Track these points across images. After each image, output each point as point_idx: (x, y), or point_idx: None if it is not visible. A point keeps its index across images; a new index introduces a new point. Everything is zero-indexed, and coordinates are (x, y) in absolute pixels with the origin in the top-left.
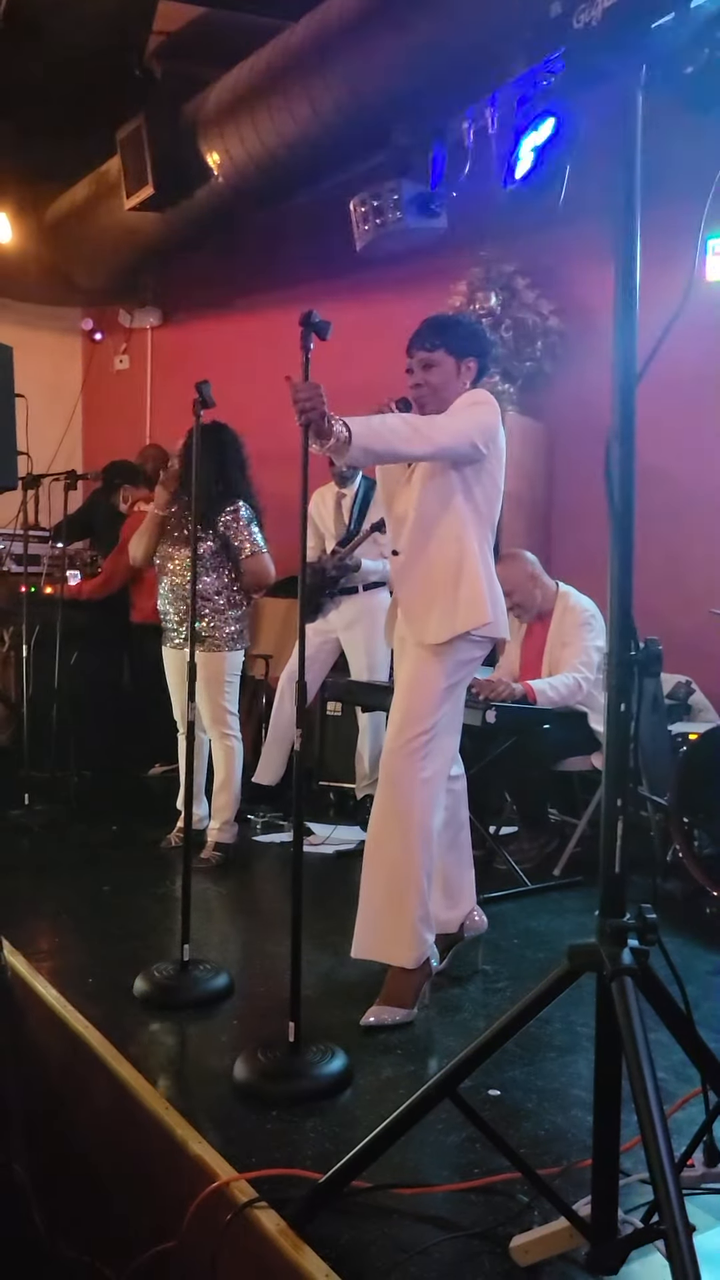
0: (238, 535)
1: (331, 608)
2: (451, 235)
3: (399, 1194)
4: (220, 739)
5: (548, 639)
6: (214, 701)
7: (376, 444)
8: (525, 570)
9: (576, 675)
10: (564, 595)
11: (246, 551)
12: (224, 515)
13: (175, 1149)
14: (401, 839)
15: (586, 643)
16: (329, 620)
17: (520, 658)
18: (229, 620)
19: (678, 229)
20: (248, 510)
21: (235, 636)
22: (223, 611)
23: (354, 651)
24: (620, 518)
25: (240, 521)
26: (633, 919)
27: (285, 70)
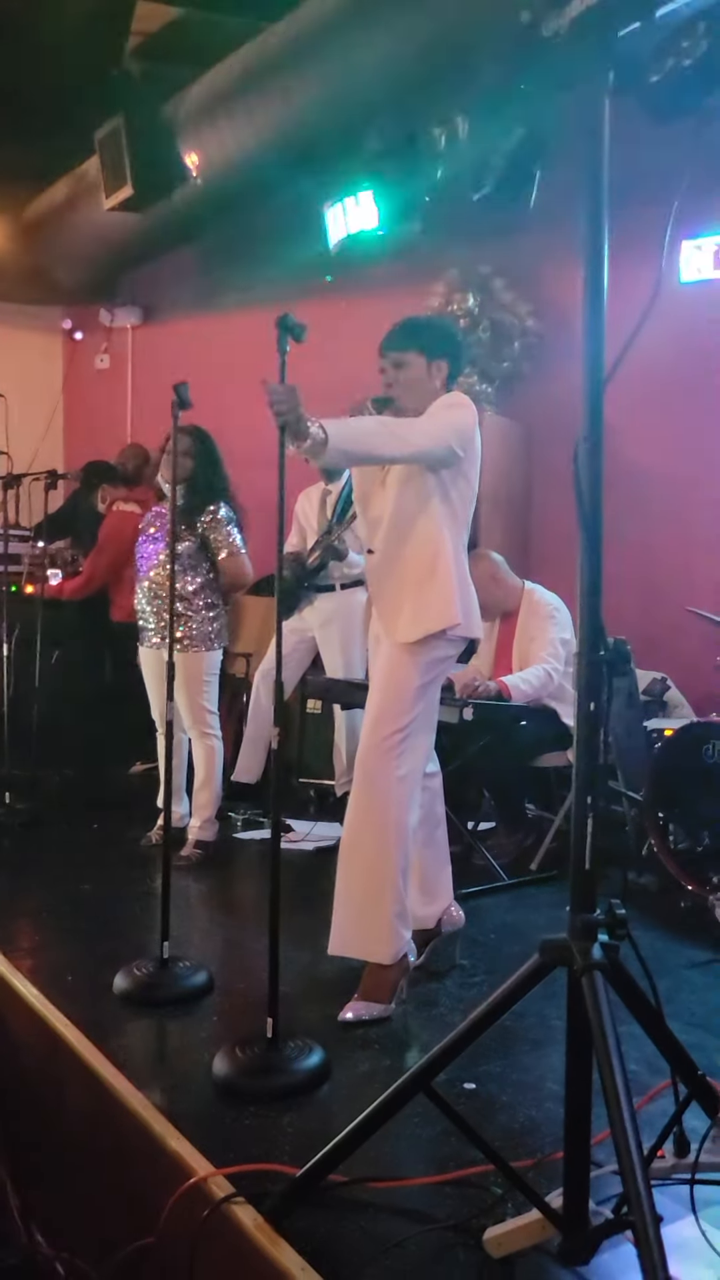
0: (216, 535)
1: (306, 605)
2: (429, 237)
3: (375, 1188)
4: (201, 738)
5: (515, 635)
6: (193, 701)
7: (353, 446)
8: (486, 571)
9: (545, 667)
10: (529, 592)
11: (224, 552)
12: (204, 515)
13: (153, 1145)
14: (377, 836)
15: (552, 635)
16: (304, 618)
17: (492, 655)
18: (206, 620)
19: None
20: (227, 510)
21: (213, 636)
22: (200, 611)
23: (329, 649)
24: (588, 519)
25: (219, 521)
26: (603, 914)
27: (263, 72)
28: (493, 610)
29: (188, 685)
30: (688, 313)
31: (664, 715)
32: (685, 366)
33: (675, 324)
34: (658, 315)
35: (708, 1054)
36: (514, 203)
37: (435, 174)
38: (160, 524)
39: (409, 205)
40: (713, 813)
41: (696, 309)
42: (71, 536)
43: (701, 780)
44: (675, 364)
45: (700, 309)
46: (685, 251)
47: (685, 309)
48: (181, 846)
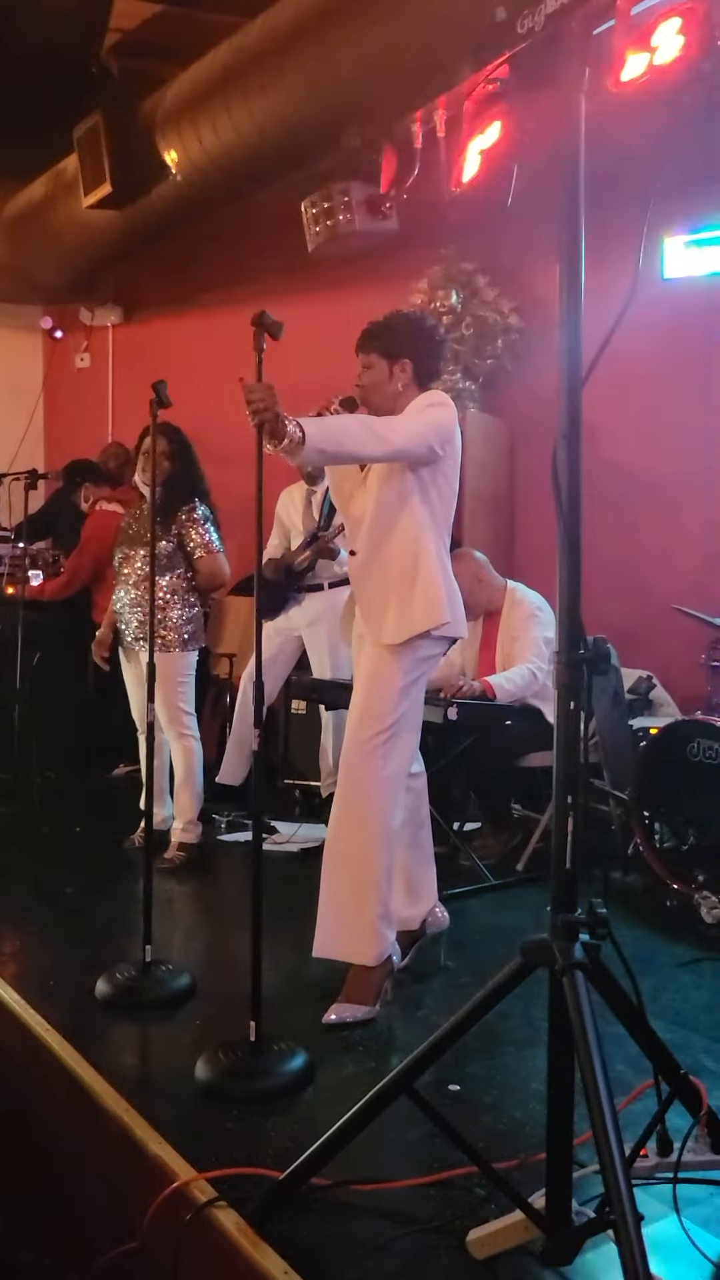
0: (192, 535)
1: (294, 605)
2: (412, 233)
3: (358, 1190)
4: (178, 739)
5: (499, 634)
6: (169, 702)
7: (331, 445)
8: (470, 570)
9: (529, 666)
10: (512, 591)
11: (200, 551)
12: (181, 515)
13: (136, 1150)
14: (361, 837)
15: (535, 634)
16: (291, 618)
17: (476, 654)
18: (183, 621)
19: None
20: (204, 509)
21: (189, 637)
22: (175, 612)
23: (316, 649)
24: (568, 518)
25: (196, 520)
26: (584, 914)
27: (241, 69)
28: (476, 609)
29: (163, 685)
30: (672, 309)
31: (649, 713)
32: (670, 363)
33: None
34: (641, 311)
35: (693, 1053)
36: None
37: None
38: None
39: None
40: (698, 811)
41: (680, 305)
42: (53, 537)
43: (686, 778)
44: (660, 361)
45: (684, 305)
46: (669, 248)
47: (669, 305)
48: (164, 849)
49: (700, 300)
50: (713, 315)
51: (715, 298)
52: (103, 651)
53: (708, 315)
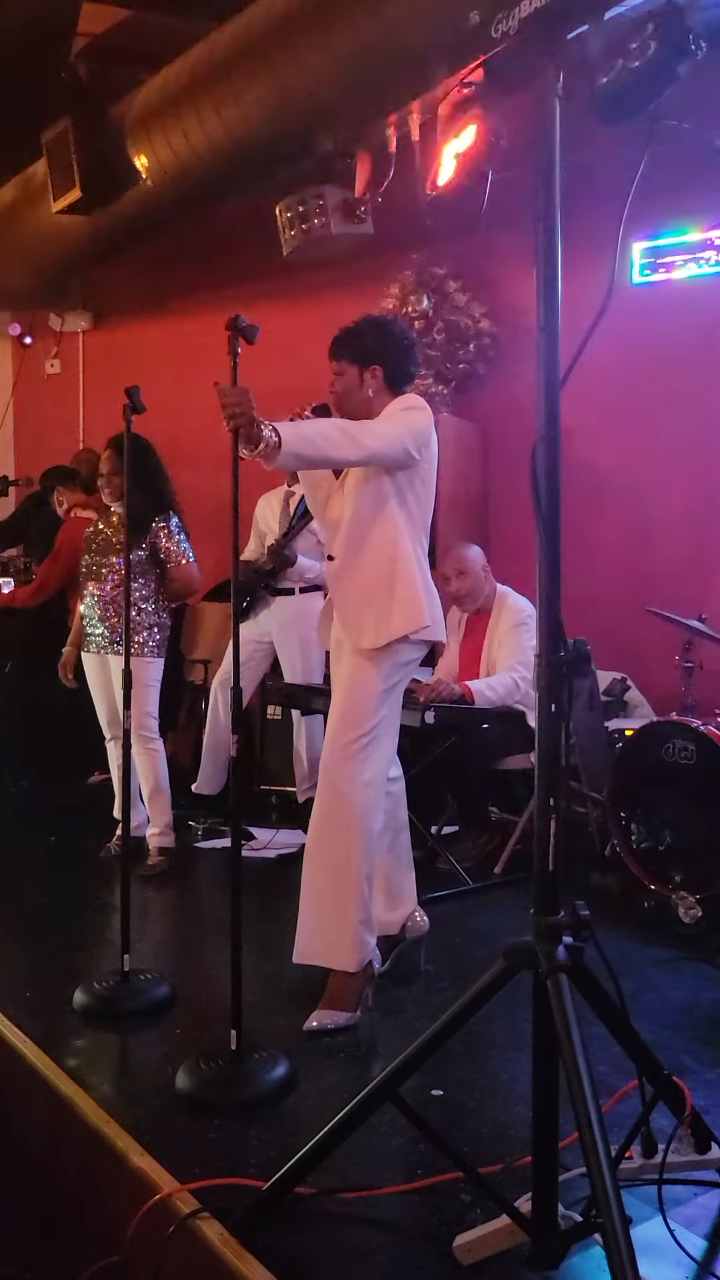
0: (167, 546)
1: (263, 608)
2: (383, 238)
3: (343, 1198)
4: (141, 743)
5: (485, 637)
6: (137, 707)
7: (307, 449)
8: (479, 561)
9: (514, 675)
10: (502, 595)
11: (173, 561)
12: (156, 523)
13: (117, 1162)
14: (341, 842)
15: (523, 643)
16: (261, 622)
17: (459, 656)
18: (154, 627)
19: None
20: (177, 520)
21: (156, 645)
22: (148, 618)
23: (288, 653)
24: (547, 521)
25: (170, 533)
26: (566, 916)
27: (212, 74)
28: (475, 601)
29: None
30: (640, 313)
31: (624, 715)
32: (639, 367)
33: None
34: (613, 316)
35: (674, 1053)
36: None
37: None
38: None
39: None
40: (674, 812)
41: (648, 310)
42: (24, 544)
43: (662, 779)
44: (629, 365)
45: (652, 310)
46: (636, 253)
47: (637, 310)
48: (140, 856)
49: (668, 305)
50: (680, 320)
51: (682, 302)
52: (68, 674)
53: (675, 320)
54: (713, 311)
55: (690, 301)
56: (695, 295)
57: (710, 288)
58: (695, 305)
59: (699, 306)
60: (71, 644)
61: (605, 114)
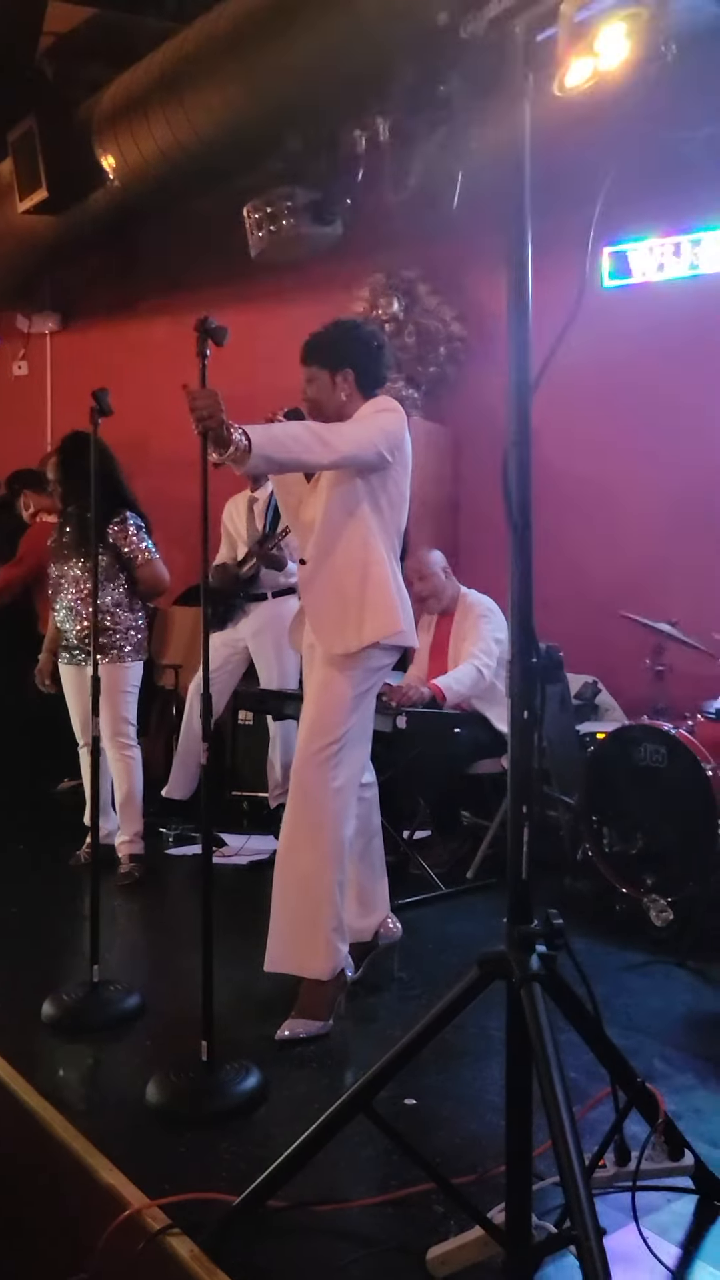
0: (128, 544)
1: (241, 615)
2: (353, 241)
3: (316, 1211)
4: (118, 749)
5: (450, 636)
6: (114, 713)
7: (278, 452)
8: (439, 564)
9: (475, 663)
10: (465, 595)
11: (139, 560)
12: (112, 526)
13: (86, 1178)
14: (313, 850)
15: (484, 632)
16: (238, 628)
17: (428, 656)
18: (129, 631)
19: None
20: (134, 519)
21: (136, 648)
22: (122, 623)
23: (263, 659)
24: (518, 525)
25: (129, 530)
26: (540, 925)
27: (178, 74)
28: (440, 601)
29: (109, 696)
30: (610, 317)
31: (596, 719)
32: (610, 371)
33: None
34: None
35: (646, 1058)
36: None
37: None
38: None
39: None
40: (645, 815)
41: (619, 313)
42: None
43: (634, 783)
44: (600, 369)
45: (623, 313)
46: (606, 257)
47: (608, 313)
48: (112, 865)
49: (637, 308)
50: (650, 323)
51: (652, 306)
52: (45, 679)
53: (645, 323)
54: (681, 315)
55: (659, 305)
56: (664, 299)
57: (678, 291)
58: (664, 309)
59: (668, 310)
60: (47, 650)
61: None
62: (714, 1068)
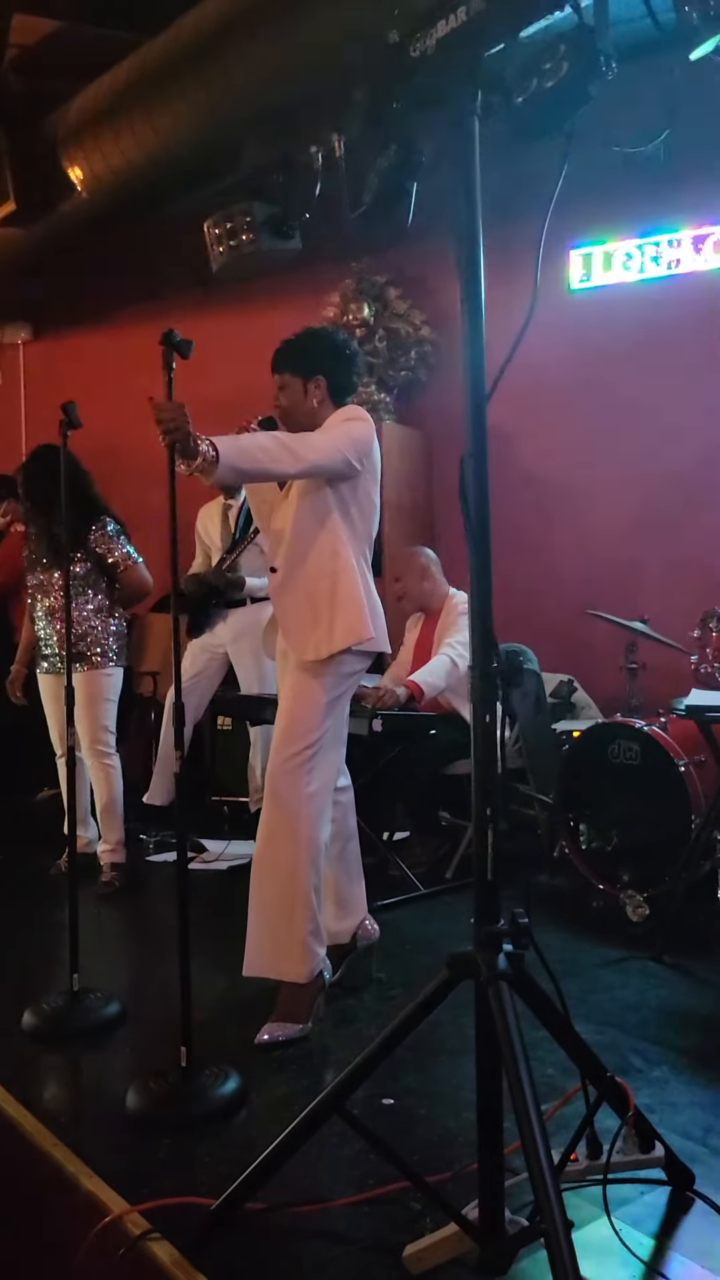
0: (110, 551)
1: (219, 622)
2: (322, 247)
3: (295, 1212)
4: (98, 758)
5: (435, 635)
6: (95, 721)
7: (245, 463)
8: (417, 563)
9: (448, 654)
10: (451, 596)
11: (122, 565)
12: (92, 533)
13: (66, 1185)
14: (289, 854)
15: (463, 625)
16: (216, 634)
17: (412, 654)
18: (108, 638)
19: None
20: (114, 524)
21: (116, 654)
22: (101, 630)
23: (243, 665)
24: (476, 535)
25: (109, 536)
26: (506, 924)
27: (144, 85)
28: (414, 602)
29: (91, 704)
30: (579, 319)
31: (572, 717)
32: (579, 373)
33: (567, 330)
34: (549, 324)
35: (621, 1053)
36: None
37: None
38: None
39: (289, 224)
40: (621, 811)
41: (587, 315)
42: None
43: (609, 780)
44: (569, 370)
45: (590, 315)
46: (573, 260)
47: (576, 316)
48: (91, 873)
49: (605, 310)
50: (620, 324)
51: (620, 308)
52: (17, 690)
53: (612, 325)
54: (649, 316)
55: (627, 307)
56: (632, 301)
57: (646, 293)
58: (632, 310)
59: (636, 312)
60: (20, 662)
61: (523, 132)
62: (688, 1061)
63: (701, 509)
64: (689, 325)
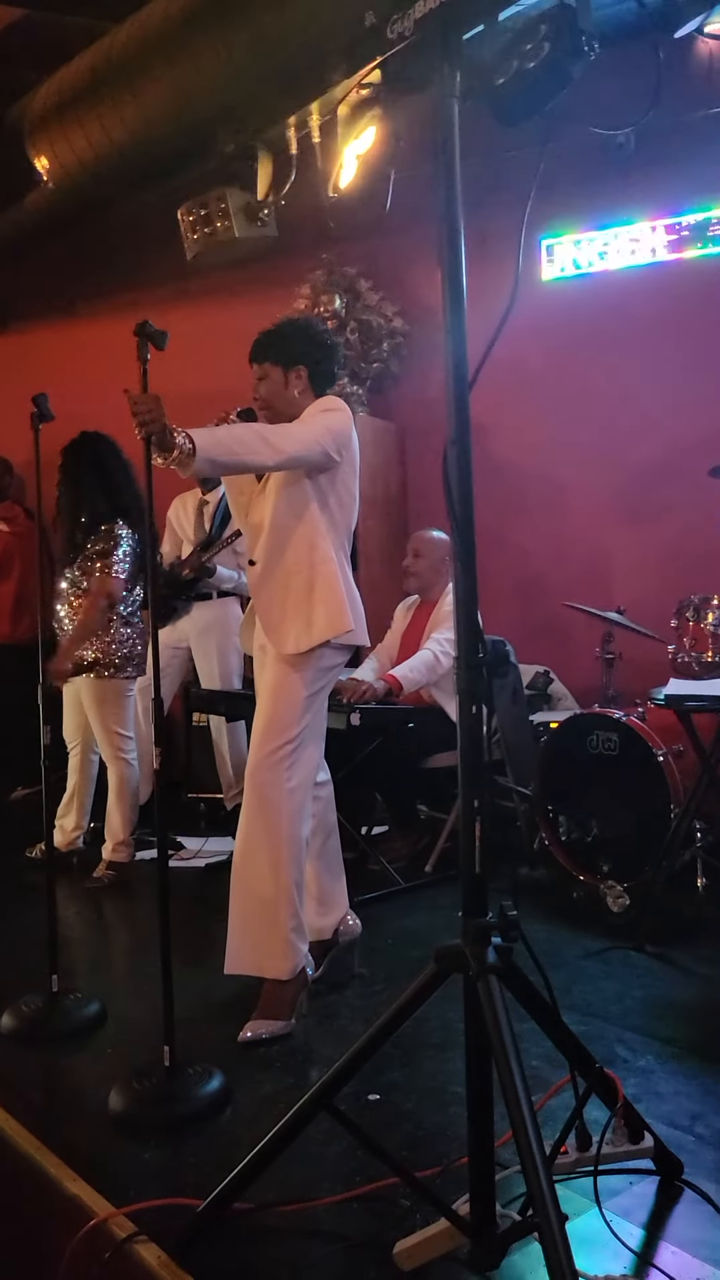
0: (105, 553)
1: (184, 614)
2: (293, 238)
3: (283, 1212)
4: (113, 761)
5: (427, 625)
6: (106, 726)
7: (222, 455)
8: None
9: (432, 649)
10: (449, 590)
11: (103, 569)
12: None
13: (50, 1189)
14: (270, 851)
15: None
16: (179, 629)
17: (400, 642)
18: (121, 645)
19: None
20: (124, 529)
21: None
22: (114, 635)
23: (205, 659)
24: (461, 523)
25: (112, 540)
26: (494, 917)
27: (111, 73)
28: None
29: (99, 709)
30: (553, 310)
31: (549, 708)
32: (553, 364)
33: (542, 321)
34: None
35: (606, 1043)
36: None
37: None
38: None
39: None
40: (600, 802)
41: (561, 306)
42: None
43: (587, 771)
44: (543, 362)
45: (565, 306)
46: (544, 251)
47: (550, 306)
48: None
49: (580, 301)
50: (592, 315)
51: (593, 298)
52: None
53: (587, 315)
54: (622, 307)
55: (600, 297)
56: (605, 290)
57: (620, 283)
58: (605, 301)
59: (609, 302)
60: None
61: (503, 115)
62: (672, 1050)
63: (676, 499)
64: (661, 316)
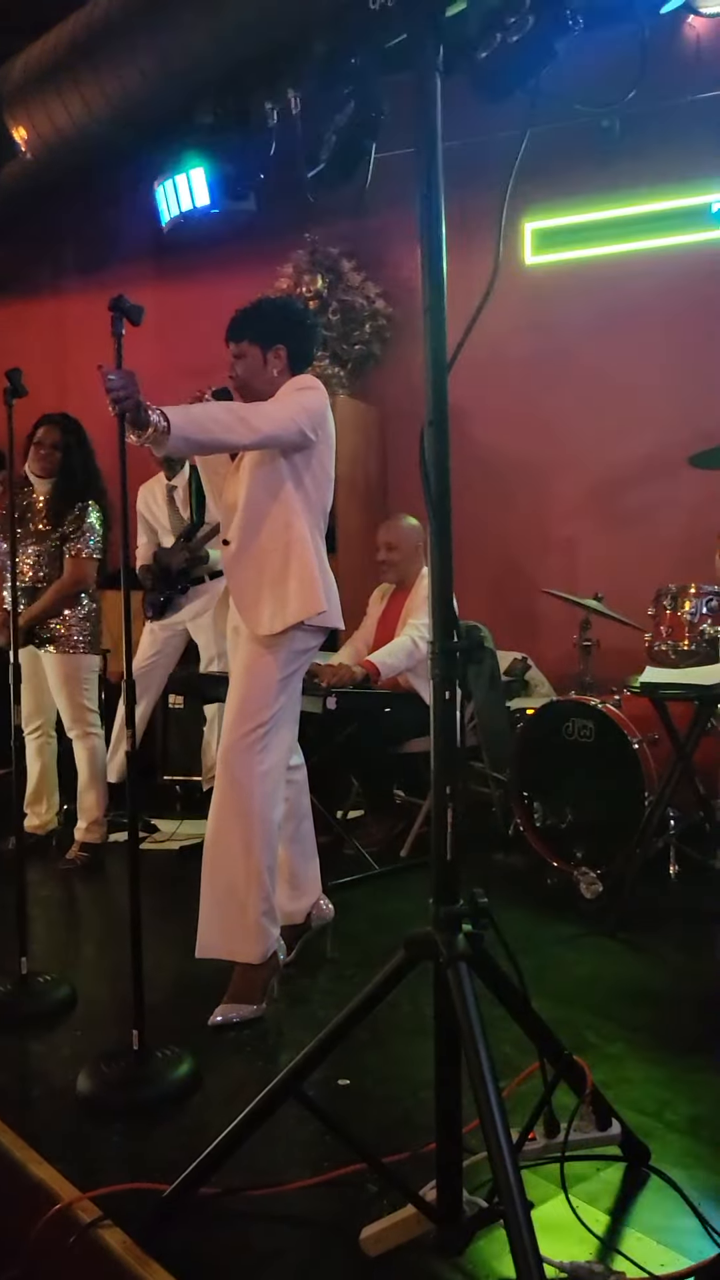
0: (78, 533)
1: (183, 603)
2: (275, 217)
3: (250, 1196)
4: (82, 738)
5: (402, 611)
6: (74, 701)
7: (198, 433)
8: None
9: (411, 635)
10: (424, 575)
11: (72, 552)
12: (72, 512)
13: (15, 1173)
14: (241, 834)
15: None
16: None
17: (375, 628)
18: (87, 618)
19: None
20: (95, 511)
21: (87, 642)
22: (80, 610)
23: (203, 639)
24: (437, 506)
25: (85, 521)
26: (465, 904)
27: (91, 44)
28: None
29: (67, 685)
30: (534, 294)
31: (526, 695)
32: (534, 347)
33: (523, 305)
34: (506, 297)
35: (577, 1029)
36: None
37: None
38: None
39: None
40: (575, 789)
41: (543, 290)
42: None
43: (563, 758)
44: (524, 345)
45: (546, 290)
46: (528, 234)
47: (532, 290)
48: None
49: (562, 286)
50: (575, 300)
51: (577, 283)
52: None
53: (570, 300)
54: (606, 292)
55: (584, 282)
56: (589, 276)
57: (603, 268)
58: (589, 286)
59: (593, 287)
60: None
61: (486, 91)
62: (643, 1037)
63: (655, 486)
64: (645, 301)
